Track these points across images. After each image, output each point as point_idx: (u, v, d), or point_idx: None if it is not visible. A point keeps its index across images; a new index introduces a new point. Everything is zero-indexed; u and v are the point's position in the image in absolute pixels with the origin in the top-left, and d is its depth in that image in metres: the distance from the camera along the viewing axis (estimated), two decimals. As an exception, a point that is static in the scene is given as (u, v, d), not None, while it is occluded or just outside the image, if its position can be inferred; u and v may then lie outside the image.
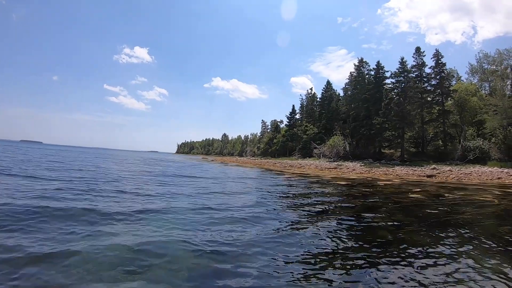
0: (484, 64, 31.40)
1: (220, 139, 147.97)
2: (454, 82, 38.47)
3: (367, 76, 43.85)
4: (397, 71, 35.06)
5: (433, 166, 25.58)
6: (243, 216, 6.49)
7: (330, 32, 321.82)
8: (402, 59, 35.03)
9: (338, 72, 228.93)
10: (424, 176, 21.75)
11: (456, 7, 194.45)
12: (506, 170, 21.32)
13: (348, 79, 51.28)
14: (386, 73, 39.05)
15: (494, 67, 29.86)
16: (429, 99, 32.85)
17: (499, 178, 19.42)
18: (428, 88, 33.84)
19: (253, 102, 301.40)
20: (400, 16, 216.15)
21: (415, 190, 12.94)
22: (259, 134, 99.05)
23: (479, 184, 16.73)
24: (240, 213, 6.92)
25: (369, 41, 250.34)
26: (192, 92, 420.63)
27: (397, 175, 23.09)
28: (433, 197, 11.18)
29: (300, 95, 72.86)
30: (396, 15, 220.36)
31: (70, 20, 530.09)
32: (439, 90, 31.97)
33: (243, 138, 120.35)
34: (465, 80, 33.79)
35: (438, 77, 32.21)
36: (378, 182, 17.12)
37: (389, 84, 38.39)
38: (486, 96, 30.30)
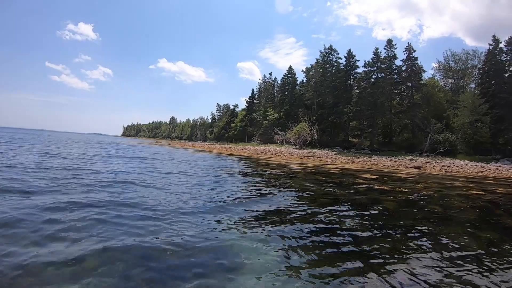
0: (450, 62, 33.02)
1: (168, 122, 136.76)
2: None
3: (335, 63, 43.07)
4: (370, 61, 34.63)
5: (410, 157, 25.52)
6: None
7: (280, 19, 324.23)
8: (376, 49, 34.60)
9: (286, 59, 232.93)
10: (412, 167, 21.08)
11: (404, 5, 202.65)
12: (479, 164, 22.06)
13: (315, 65, 50.14)
14: (357, 62, 38.69)
15: (460, 66, 31.43)
16: (399, 91, 33.29)
17: (481, 171, 19.70)
18: (397, 80, 34.33)
19: (200, 86, 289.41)
20: (349, 9, 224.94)
21: (457, 185, 11.11)
22: (209, 118, 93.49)
23: (479, 177, 16.27)
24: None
25: (318, 31, 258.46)
26: (137, 73, 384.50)
27: (384, 165, 22.02)
28: (490, 193, 9.33)
29: (259, 79, 69.83)
30: (346, 8, 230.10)
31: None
32: (409, 83, 32.53)
33: (191, 122, 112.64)
34: (430, 75, 35.44)
35: (409, 70, 32.67)
36: (395, 175, 15.19)
37: (359, 73, 38.08)
38: (449, 93, 31.87)
